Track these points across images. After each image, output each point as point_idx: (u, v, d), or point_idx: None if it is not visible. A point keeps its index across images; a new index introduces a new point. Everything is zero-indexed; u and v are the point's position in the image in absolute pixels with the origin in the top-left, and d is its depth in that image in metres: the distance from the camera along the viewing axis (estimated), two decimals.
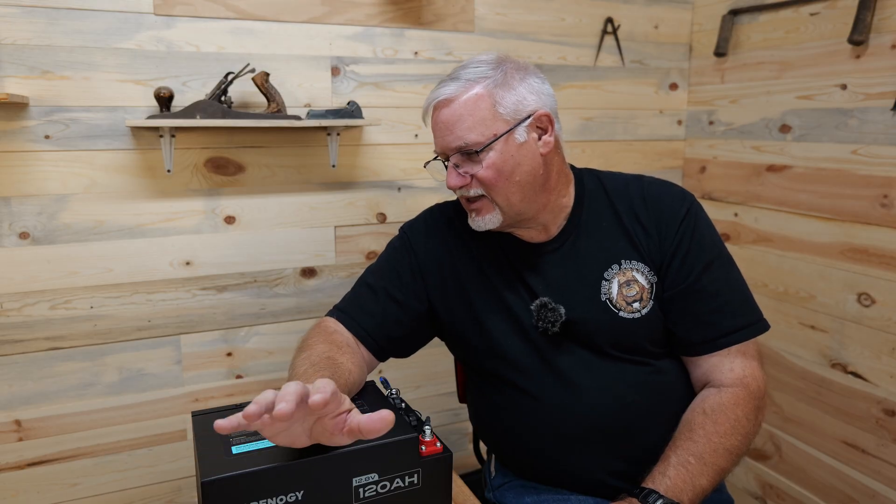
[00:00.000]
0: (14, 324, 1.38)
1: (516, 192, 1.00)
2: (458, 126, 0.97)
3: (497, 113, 0.98)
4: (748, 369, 1.01)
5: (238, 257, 1.54)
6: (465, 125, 0.97)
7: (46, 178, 1.36)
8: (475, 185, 0.99)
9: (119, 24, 1.36)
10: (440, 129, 1.00)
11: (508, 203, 1.00)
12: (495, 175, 0.98)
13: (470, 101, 0.98)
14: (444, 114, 0.99)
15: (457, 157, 1.00)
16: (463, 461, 1.83)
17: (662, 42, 1.91)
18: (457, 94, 0.98)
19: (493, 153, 0.97)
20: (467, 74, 0.99)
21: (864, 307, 1.52)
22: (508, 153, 0.98)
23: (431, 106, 1.02)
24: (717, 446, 0.94)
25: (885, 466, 1.50)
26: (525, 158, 0.99)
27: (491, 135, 0.97)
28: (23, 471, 1.44)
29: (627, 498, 0.91)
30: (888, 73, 1.43)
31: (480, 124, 0.97)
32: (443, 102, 0.99)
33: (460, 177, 1.00)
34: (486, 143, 0.97)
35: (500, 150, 0.98)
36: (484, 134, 0.97)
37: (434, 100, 1.01)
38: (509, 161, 0.98)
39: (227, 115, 1.36)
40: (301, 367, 0.92)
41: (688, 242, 1.02)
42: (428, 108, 1.03)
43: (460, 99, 0.98)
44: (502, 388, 1.08)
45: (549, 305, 1.02)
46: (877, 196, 1.47)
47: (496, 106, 0.98)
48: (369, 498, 0.83)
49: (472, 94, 0.98)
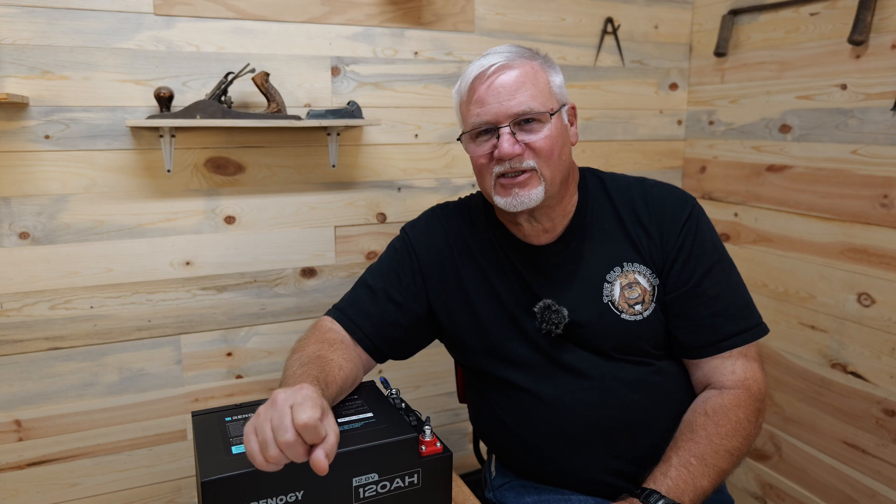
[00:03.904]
0: (14, 324, 1.38)
1: (559, 171, 1.00)
2: (522, 91, 0.95)
3: (552, 90, 0.99)
4: (749, 371, 1.01)
5: (238, 257, 1.54)
6: (529, 92, 0.96)
7: (46, 178, 1.36)
8: (529, 155, 0.97)
9: (119, 24, 1.36)
10: (497, 94, 0.96)
11: (552, 180, 0.99)
12: (551, 146, 0.97)
13: (531, 71, 0.97)
14: (504, 78, 0.96)
15: (510, 127, 0.96)
16: (463, 461, 1.83)
17: (662, 42, 1.91)
18: (515, 62, 0.97)
19: (550, 125, 0.97)
20: (514, 51, 0.99)
21: (864, 307, 1.52)
22: (560, 130, 0.99)
23: (487, 72, 0.97)
24: (719, 447, 0.94)
25: (885, 466, 1.50)
26: (566, 142, 1.01)
27: (550, 108, 0.97)
28: (23, 471, 1.44)
29: (629, 498, 0.91)
30: (888, 73, 1.43)
31: (542, 94, 0.97)
32: (502, 67, 0.96)
33: (518, 144, 0.96)
34: (549, 112, 0.97)
35: (556, 125, 0.98)
36: (545, 105, 0.97)
37: (490, 65, 0.97)
38: (559, 138, 0.98)
39: (227, 115, 1.36)
40: (291, 368, 0.92)
41: (689, 246, 1.02)
42: (478, 76, 0.98)
43: (521, 67, 0.97)
44: (502, 388, 1.08)
45: (552, 307, 1.02)
46: (877, 196, 1.47)
47: (551, 84, 0.99)
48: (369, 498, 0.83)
49: (531, 66, 0.98)
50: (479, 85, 0.98)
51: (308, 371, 0.88)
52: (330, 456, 0.67)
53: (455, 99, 1.06)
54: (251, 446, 0.68)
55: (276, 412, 0.68)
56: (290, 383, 0.86)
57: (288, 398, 0.69)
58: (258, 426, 0.69)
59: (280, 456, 0.67)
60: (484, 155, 0.99)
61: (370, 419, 0.89)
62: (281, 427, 0.66)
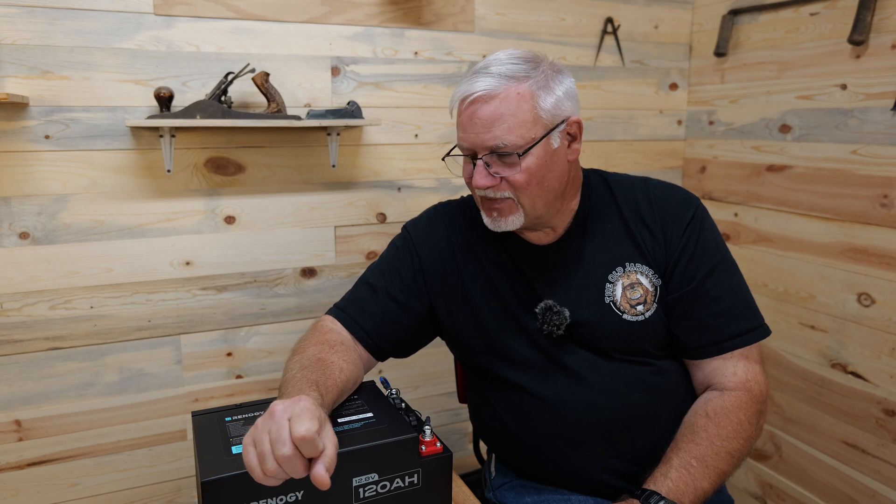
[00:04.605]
0: (14, 324, 1.38)
1: (542, 197, 0.97)
2: (498, 125, 0.92)
3: (538, 116, 0.94)
4: (751, 373, 1.01)
5: (238, 257, 1.54)
6: (506, 126, 0.92)
7: (46, 178, 1.36)
8: (505, 187, 0.96)
9: (119, 24, 1.36)
10: (474, 126, 0.94)
11: (533, 207, 0.97)
12: (528, 179, 0.94)
13: (512, 101, 0.92)
14: (482, 110, 0.93)
15: (488, 157, 0.95)
16: (463, 461, 1.83)
17: (662, 42, 1.91)
18: (498, 90, 0.93)
19: (530, 158, 0.94)
20: (505, 71, 0.93)
21: (864, 307, 1.52)
22: (543, 158, 0.95)
23: (467, 99, 0.95)
24: (720, 449, 0.94)
25: (885, 466, 1.50)
26: (555, 165, 0.97)
27: (530, 139, 0.93)
28: (23, 471, 1.44)
29: (629, 499, 0.91)
30: (888, 73, 1.43)
31: (521, 126, 0.93)
32: (482, 97, 0.93)
33: (490, 177, 0.95)
34: (525, 146, 0.93)
35: (537, 155, 0.94)
36: (524, 137, 0.93)
37: (471, 94, 0.94)
38: (543, 167, 0.95)
39: (227, 115, 1.36)
40: (291, 371, 0.92)
41: (693, 246, 1.02)
42: (462, 100, 0.96)
43: (502, 96, 0.92)
44: (503, 387, 1.08)
45: (554, 308, 1.02)
46: (877, 196, 1.47)
47: (537, 109, 0.94)
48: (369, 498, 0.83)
49: (515, 93, 0.93)
50: (462, 109, 0.97)
51: (307, 375, 0.88)
52: (330, 469, 0.67)
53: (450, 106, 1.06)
54: (250, 459, 0.68)
55: (274, 424, 0.68)
56: (289, 387, 0.86)
57: (286, 410, 0.69)
58: (256, 438, 0.69)
59: (278, 470, 0.67)
60: (467, 175, 1.00)
61: (370, 419, 0.89)
62: (279, 440, 0.66)
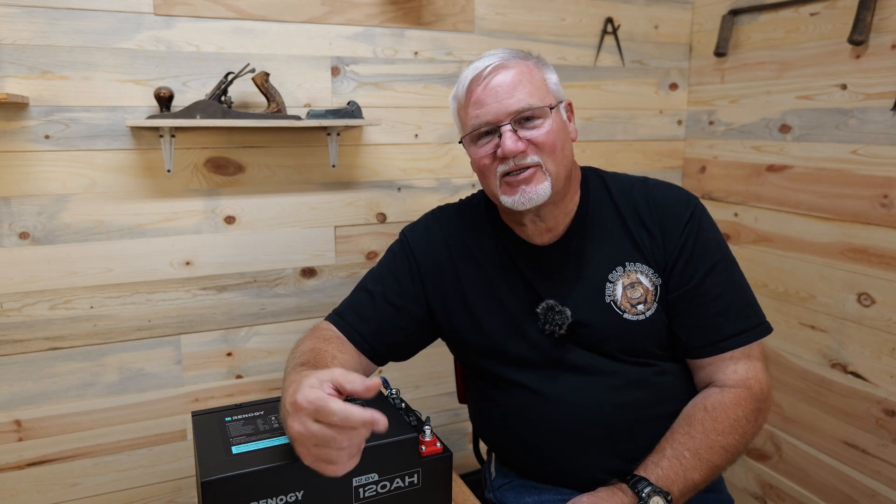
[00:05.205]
0: (14, 324, 1.38)
1: (564, 166, 1.00)
2: (520, 89, 0.97)
3: (548, 87, 1.01)
4: (752, 371, 1.01)
5: (238, 257, 1.54)
6: (527, 89, 0.97)
7: (46, 178, 1.36)
8: (532, 151, 0.97)
9: (119, 24, 1.36)
10: (495, 94, 0.97)
11: (557, 175, 0.99)
12: (553, 140, 0.97)
13: (526, 70, 0.99)
14: (500, 77, 0.97)
15: (512, 124, 0.97)
16: (463, 461, 1.83)
17: (662, 42, 1.91)
18: (509, 62, 0.99)
19: (551, 120, 0.98)
20: (507, 54, 1.01)
21: (864, 307, 1.52)
22: (560, 125, 1.00)
23: (483, 73, 0.98)
24: (714, 443, 0.94)
25: (885, 466, 1.50)
26: (567, 137, 1.03)
27: (549, 103, 0.99)
28: (23, 471, 1.44)
29: (618, 483, 0.93)
30: (888, 73, 1.43)
31: (539, 91, 0.99)
32: (497, 68, 0.98)
33: (520, 141, 0.97)
34: (550, 106, 0.99)
35: (556, 120, 0.99)
36: (544, 100, 0.98)
37: (485, 66, 0.98)
38: (560, 133, 0.99)
39: (227, 115, 1.36)
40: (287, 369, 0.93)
41: (692, 245, 1.02)
42: (474, 78, 0.99)
43: (516, 67, 0.98)
44: (503, 387, 1.08)
45: (555, 308, 1.02)
46: (877, 196, 1.47)
47: (546, 81, 1.01)
48: (369, 498, 0.83)
49: (525, 65, 1.00)
50: (476, 87, 0.99)
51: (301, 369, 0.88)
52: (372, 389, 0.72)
53: (452, 105, 1.07)
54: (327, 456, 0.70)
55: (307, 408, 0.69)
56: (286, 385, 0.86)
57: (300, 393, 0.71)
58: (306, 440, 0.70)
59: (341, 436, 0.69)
60: (487, 156, 0.99)
61: None
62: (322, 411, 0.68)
